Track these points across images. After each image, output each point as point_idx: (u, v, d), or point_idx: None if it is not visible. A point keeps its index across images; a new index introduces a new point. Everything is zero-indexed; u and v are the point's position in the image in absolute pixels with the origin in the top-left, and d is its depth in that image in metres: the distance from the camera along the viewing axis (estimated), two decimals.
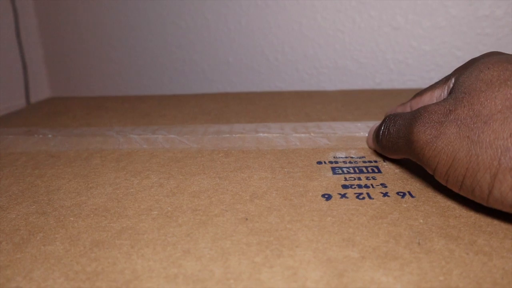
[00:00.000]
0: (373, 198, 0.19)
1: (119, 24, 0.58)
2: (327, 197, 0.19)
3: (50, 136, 0.30)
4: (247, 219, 0.18)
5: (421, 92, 0.24)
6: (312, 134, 0.28)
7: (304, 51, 0.52)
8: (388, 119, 0.21)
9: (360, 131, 0.28)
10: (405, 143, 0.19)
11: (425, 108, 0.18)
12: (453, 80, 0.20)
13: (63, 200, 0.20)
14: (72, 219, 0.18)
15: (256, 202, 0.19)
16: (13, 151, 0.28)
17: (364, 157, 0.24)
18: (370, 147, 0.25)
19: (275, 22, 0.52)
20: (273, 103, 0.38)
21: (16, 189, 0.22)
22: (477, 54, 0.49)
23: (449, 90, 0.21)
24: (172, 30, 0.56)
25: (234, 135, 0.29)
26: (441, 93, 0.21)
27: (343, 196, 0.19)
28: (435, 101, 0.22)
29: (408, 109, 0.25)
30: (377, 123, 0.25)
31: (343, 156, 0.24)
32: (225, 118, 0.34)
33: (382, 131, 0.21)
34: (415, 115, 0.18)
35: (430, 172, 0.18)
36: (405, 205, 0.18)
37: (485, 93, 0.16)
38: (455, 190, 0.17)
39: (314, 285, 0.13)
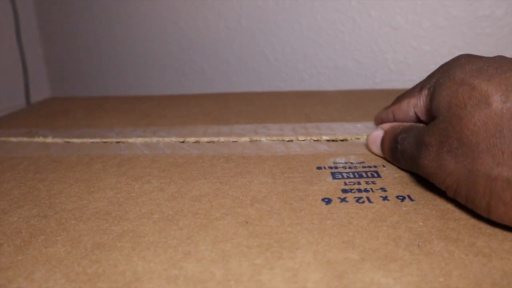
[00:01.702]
0: (372, 202, 0.19)
1: (119, 24, 0.58)
2: (327, 201, 0.19)
3: (50, 137, 0.31)
4: (247, 222, 0.18)
5: (399, 98, 0.24)
6: (312, 137, 0.28)
7: (304, 51, 0.52)
8: (400, 143, 0.22)
9: (360, 132, 0.29)
10: (417, 169, 0.20)
11: (422, 139, 0.19)
12: (426, 92, 0.21)
13: (64, 204, 0.20)
14: (73, 222, 0.19)
15: (257, 206, 0.19)
16: (15, 156, 0.28)
17: (364, 162, 0.24)
18: (373, 153, 0.25)
19: (275, 22, 0.52)
20: (272, 104, 0.38)
21: (17, 193, 0.22)
22: (477, 54, 0.49)
23: (425, 101, 0.21)
24: (172, 30, 0.56)
25: (233, 138, 0.29)
26: (417, 102, 0.22)
27: (343, 200, 0.20)
28: (412, 110, 0.22)
29: (390, 116, 0.25)
30: (375, 132, 0.25)
31: (343, 162, 0.24)
32: (225, 119, 0.34)
33: (399, 154, 0.22)
34: (418, 149, 0.19)
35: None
36: (404, 208, 0.18)
37: (464, 120, 0.16)
38: (465, 204, 0.18)
39: (314, 286, 0.14)
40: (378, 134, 0.25)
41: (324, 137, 0.28)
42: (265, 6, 0.52)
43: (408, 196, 0.20)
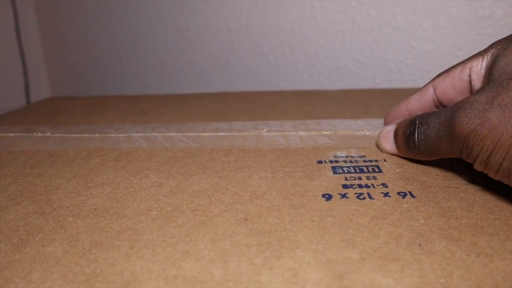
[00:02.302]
0: (373, 198, 0.19)
1: (119, 24, 0.58)
2: (328, 197, 0.19)
3: (49, 134, 0.30)
4: (247, 219, 0.18)
5: (447, 70, 0.23)
6: (312, 132, 0.28)
7: (304, 51, 0.52)
8: (419, 123, 0.20)
9: (361, 128, 0.28)
10: (447, 141, 0.18)
11: (464, 101, 0.18)
12: (490, 54, 0.20)
13: (62, 200, 0.20)
14: (71, 219, 0.18)
15: (256, 202, 0.19)
16: (12, 150, 0.28)
17: (365, 156, 0.24)
18: (386, 152, 0.24)
19: (275, 22, 0.52)
20: (273, 102, 0.38)
21: (15, 189, 0.22)
22: None
23: (487, 63, 0.20)
24: (172, 30, 0.56)
25: (234, 134, 0.29)
26: (479, 63, 0.20)
27: (344, 196, 0.19)
28: (467, 72, 0.21)
29: (431, 90, 0.23)
30: (387, 127, 0.23)
31: (344, 155, 0.24)
32: (225, 117, 0.33)
33: (418, 137, 0.20)
34: (456, 110, 0.18)
35: (470, 161, 0.18)
36: (406, 206, 0.18)
37: None
38: (491, 174, 0.17)
39: (314, 287, 0.13)
40: (390, 128, 0.23)
41: (325, 133, 0.28)
42: (265, 6, 0.52)
43: (410, 192, 0.19)
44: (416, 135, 0.20)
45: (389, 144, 0.23)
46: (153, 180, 0.22)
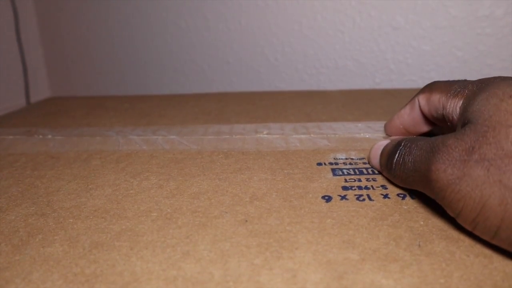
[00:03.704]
0: (373, 200, 0.19)
1: (119, 24, 0.58)
2: (327, 198, 0.19)
3: (49, 136, 0.30)
4: (246, 221, 0.18)
5: (432, 88, 0.21)
6: (312, 135, 0.28)
7: (304, 51, 0.52)
8: (403, 147, 0.19)
9: (361, 131, 0.28)
10: (422, 179, 0.17)
11: (443, 142, 0.16)
12: (463, 99, 0.18)
13: (62, 202, 0.20)
14: (71, 220, 0.18)
15: (256, 204, 0.19)
16: (13, 152, 0.28)
17: (364, 158, 0.24)
18: (374, 167, 0.22)
19: (275, 22, 0.52)
20: (273, 103, 0.38)
21: (15, 190, 0.22)
22: (477, 54, 0.49)
23: (459, 107, 0.19)
24: (172, 30, 0.56)
25: (234, 136, 0.29)
26: (447, 104, 0.19)
27: (343, 197, 0.19)
28: (441, 108, 0.20)
29: (417, 104, 0.22)
30: (381, 141, 0.22)
31: (343, 158, 0.24)
32: (225, 118, 0.33)
33: (397, 160, 0.19)
34: (433, 149, 0.16)
35: (452, 215, 0.16)
36: (405, 207, 0.18)
37: None
38: (486, 238, 0.15)
39: (313, 287, 0.13)
40: (381, 143, 0.22)
41: (325, 136, 0.28)
42: (265, 6, 0.52)
43: (409, 194, 0.20)
44: (396, 157, 0.19)
45: (375, 159, 0.22)
46: (153, 182, 0.22)
